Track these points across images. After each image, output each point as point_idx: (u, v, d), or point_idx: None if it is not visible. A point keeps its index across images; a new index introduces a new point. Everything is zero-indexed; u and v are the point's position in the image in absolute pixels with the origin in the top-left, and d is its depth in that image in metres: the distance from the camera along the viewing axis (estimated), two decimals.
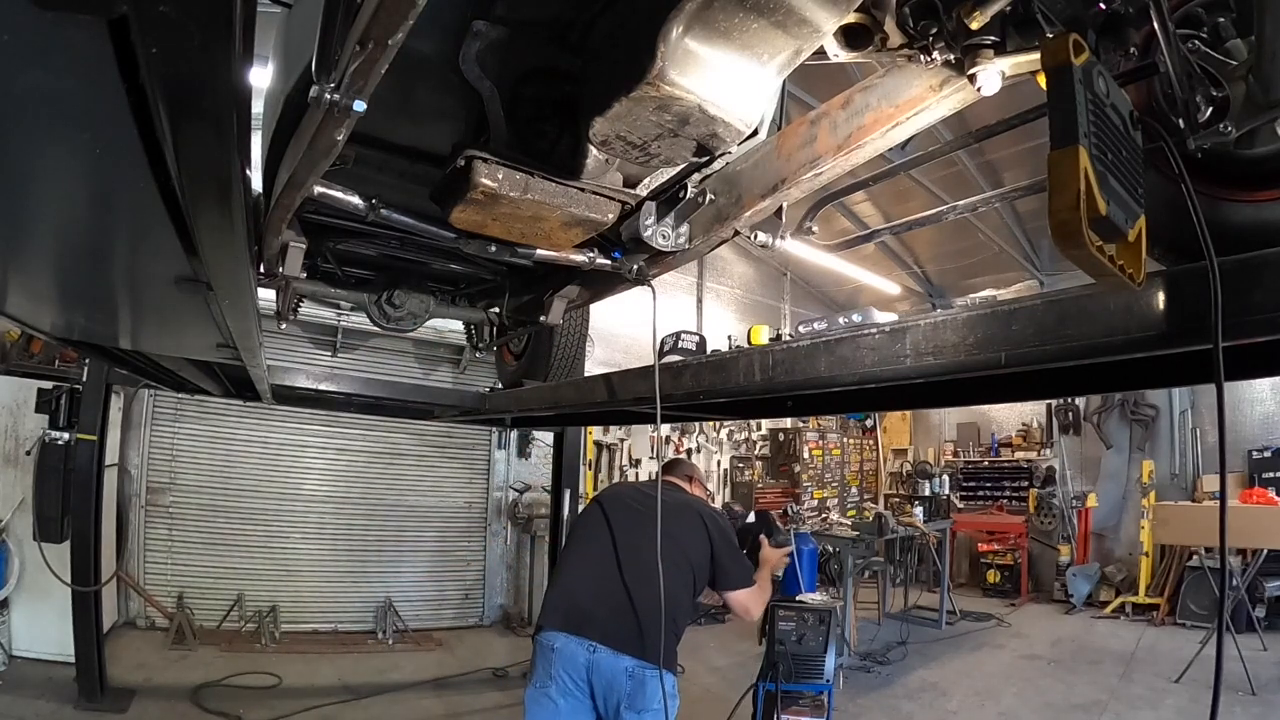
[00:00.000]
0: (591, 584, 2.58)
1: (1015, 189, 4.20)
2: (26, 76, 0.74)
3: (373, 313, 3.04)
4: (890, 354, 1.45)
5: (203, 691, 4.87)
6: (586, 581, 2.61)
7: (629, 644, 2.43)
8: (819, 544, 6.74)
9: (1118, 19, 1.04)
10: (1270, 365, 1.28)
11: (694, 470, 3.15)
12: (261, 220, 1.93)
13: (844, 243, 7.50)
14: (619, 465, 8.65)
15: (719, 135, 1.40)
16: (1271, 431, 8.11)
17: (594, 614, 2.49)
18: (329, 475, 6.88)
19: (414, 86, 1.65)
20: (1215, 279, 0.91)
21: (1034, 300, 1.22)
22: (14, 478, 5.06)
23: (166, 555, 6.26)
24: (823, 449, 10.73)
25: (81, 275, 1.74)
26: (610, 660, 2.41)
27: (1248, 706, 5.03)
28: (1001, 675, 6.06)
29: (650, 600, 2.37)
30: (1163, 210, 1.00)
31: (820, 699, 3.87)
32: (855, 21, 1.21)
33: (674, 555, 2.46)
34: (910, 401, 2.76)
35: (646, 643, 2.42)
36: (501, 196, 1.62)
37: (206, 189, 1.00)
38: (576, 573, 2.68)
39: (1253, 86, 0.99)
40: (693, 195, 1.81)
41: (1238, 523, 6.20)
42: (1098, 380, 1.57)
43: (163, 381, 4.30)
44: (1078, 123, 0.80)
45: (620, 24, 1.41)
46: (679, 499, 2.76)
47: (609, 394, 2.56)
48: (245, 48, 0.76)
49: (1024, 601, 8.88)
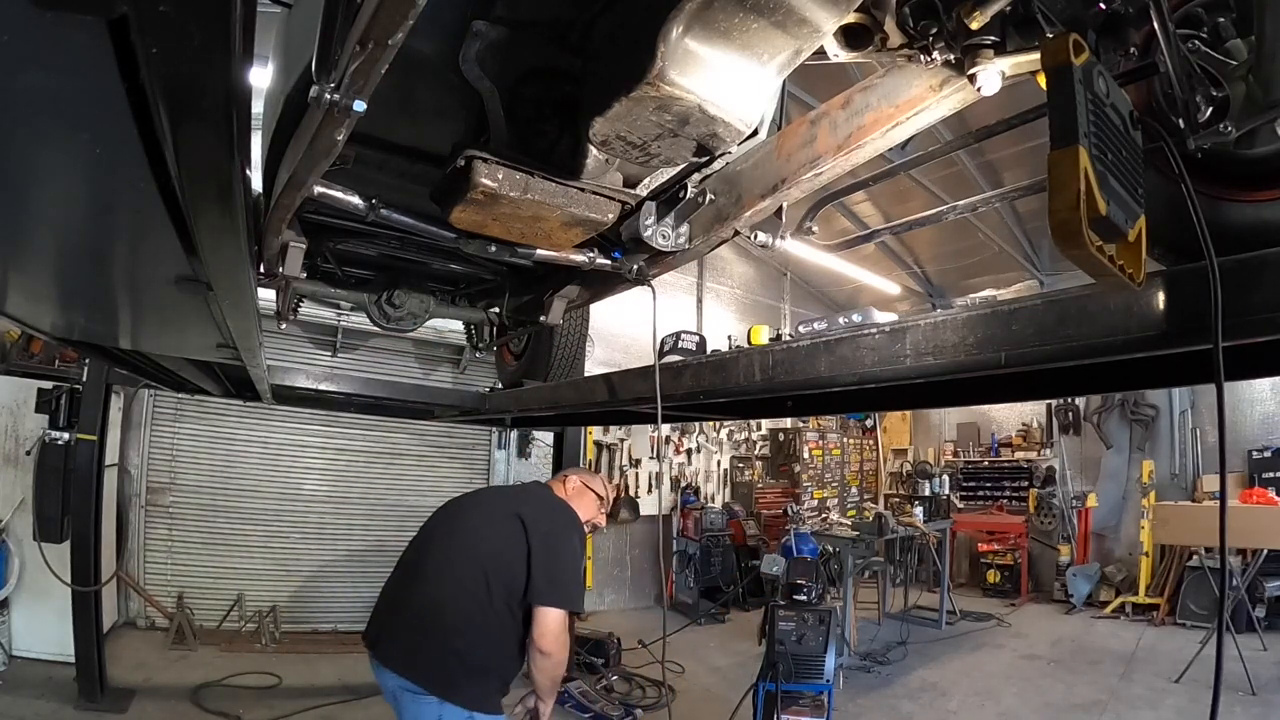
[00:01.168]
0: (394, 599, 2.34)
1: (1015, 189, 4.20)
2: (26, 76, 0.74)
3: (373, 313, 3.04)
4: (890, 354, 1.45)
5: (203, 691, 4.87)
6: (390, 596, 2.37)
7: (411, 668, 2.17)
8: (819, 544, 6.75)
9: (1118, 19, 1.04)
10: (1270, 365, 1.28)
11: (580, 472, 2.73)
12: (261, 220, 1.93)
13: (844, 243, 7.50)
14: (619, 465, 8.65)
15: (719, 135, 1.40)
16: (1271, 431, 8.10)
17: (394, 633, 2.26)
18: (329, 475, 6.87)
19: (414, 86, 1.66)
20: (1215, 279, 0.91)
21: (1034, 300, 1.22)
22: (14, 478, 5.06)
23: (166, 555, 6.26)
24: (823, 449, 10.73)
25: (81, 275, 1.74)
26: (393, 680, 2.20)
27: (1248, 706, 5.03)
28: (1001, 675, 6.06)
29: (437, 618, 2.16)
30: (1163, 210, 1.00)
31: (820, 699, 3.87)
32: (855, 21, 1.21)
33: (471, 571, 2.19)
34: (910, 401, 2.76)
35: (420, 665, 2.16)
36: (501, 196, 1.62)
37: (206, 189, 1.00)
38: (387, 586, 2.43)
39: (1253, 86, 0.99)
40: (693, 195, 1.81)
41: (1238, 523, 6.20)
42: (1098, 380, 1.57)
43: (163, 381, 4.30)
44: (1078, 123, 0.80)
45: (620, 24, 1.41)
46: (515, 504, 2.40)
47: (609, 394, 2.56)
48: (245, 48, 0.76)
49: (1024, 601, 8.87)
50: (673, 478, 9.30)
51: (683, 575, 8.55)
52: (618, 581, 8.71)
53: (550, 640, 2.17)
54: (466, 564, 2.24)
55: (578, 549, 2.35)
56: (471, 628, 2.17)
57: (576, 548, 2.35)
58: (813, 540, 6.81)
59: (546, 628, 2.15)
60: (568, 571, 2.26)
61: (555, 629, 2.17)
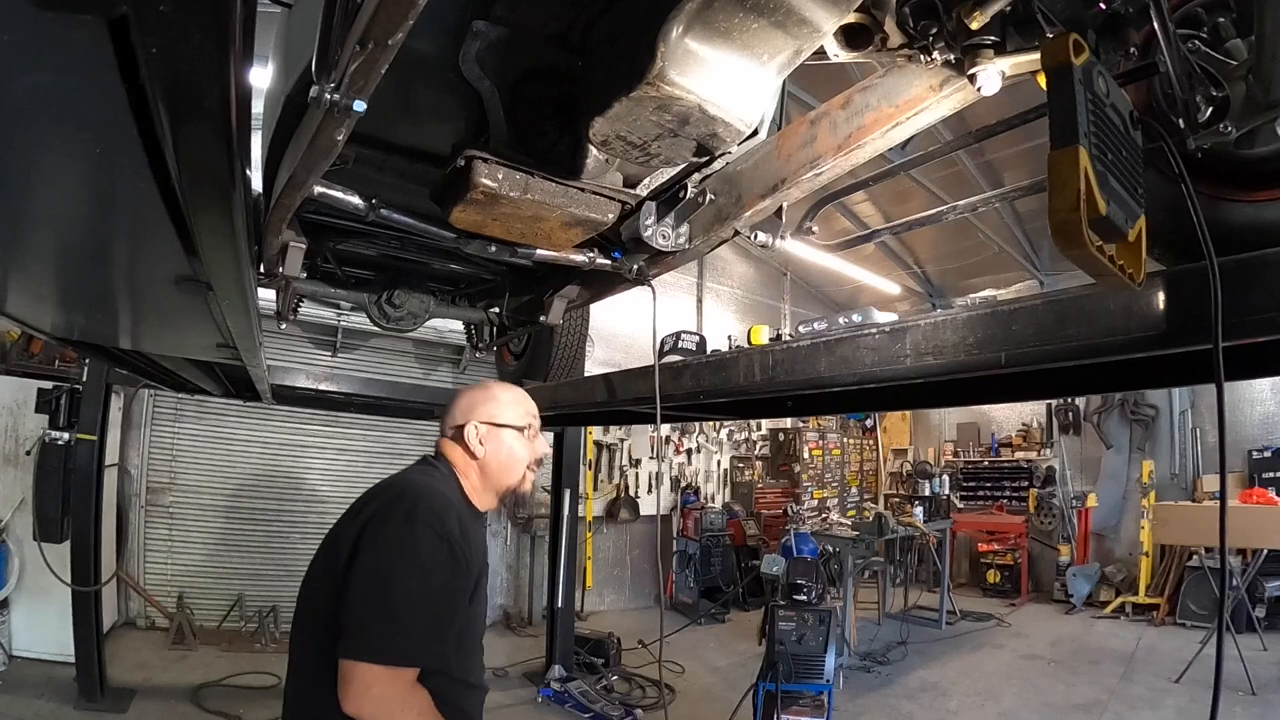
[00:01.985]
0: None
1: (1015, 189, 4.20)
2: (26, 76, 0.74)
3: (373, 313, 3.04)
4: (890, 354, 1.46)
5: (203, 691, 4.87)
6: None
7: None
8: (819, 544, 6.75)
9: (1118, 19, 1.04)
10: (1270, 365, 1.28)
11: (484, 393, 1.70)
12: (261, 220, 1.93)
13: (844, 243, 7.50)
14: (619, 465, 8.65)
15: (719, 135, 1.40)
16: (1271, 431, 8.10)
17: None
18: (329, 475, 6.87)
19: (414, 86, 1.65)
20: (1215, 279, 0.91)
21: (1034, 300, 1.22)
22: (14, 478, 5.06)
23: (166, 555, 6.25)
24: (823, 449, 10.72)
25: (82, 275, 1.74)
26: None
27: (1248, 707, 5.03)
28: (1001, 675, 6.06)
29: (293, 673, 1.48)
30: (1163, 210, 1.00)
31: (820, 699, 3.88)
32: (855, 21, 1.21)
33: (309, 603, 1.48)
34: (910, 401, 2.76)
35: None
36: (501, 196, 1.62)
37: (206, 189, 1.00)
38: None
39: (1253, 86, 0.99)
40: (693, 195, 1.81)
41: (1238, 523, 6.20)
42: (1098, 380, 1.57)
43: (163, 381, 4.30)
44: (1078, 123, 0.80)
45: (620, 24, 1.41)
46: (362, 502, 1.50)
47: (609, 394, 2.56)
48: (245, 48, 0.76)
49: (1024, 601, 8.87)
50: (673, 478, 9.30)
51: (683, 575, 8.55)
52: (618, 581, 8.72)
53: (355, 704, 1.29)
54: (295, 625, 1.52)
55: (429, 560, 1.38)
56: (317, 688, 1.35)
57: (425, 559, 1.37)
58: (813, 540, 6.81)
59: (348, 687, 1.30)
60: (396, 602, 1.34)
61: (359, 690, 1.29)
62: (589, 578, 8.17)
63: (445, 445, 1.67)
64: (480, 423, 1.63)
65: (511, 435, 1.65)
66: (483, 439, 1.63)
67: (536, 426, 1.72)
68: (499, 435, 1.64)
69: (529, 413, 1.71)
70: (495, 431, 1.64)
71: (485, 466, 1.64)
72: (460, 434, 1.63)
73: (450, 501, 1.50)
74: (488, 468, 1.64)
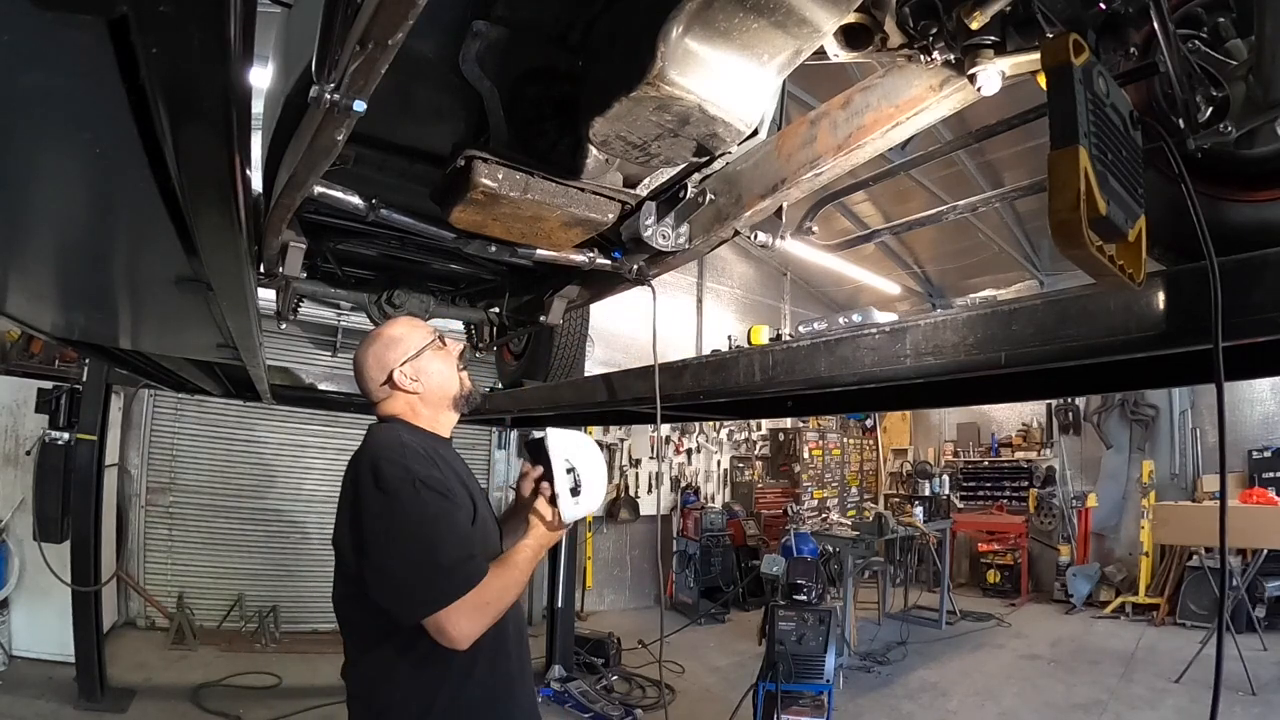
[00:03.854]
0: None
1: (1015, 189, 4.20)
2: (26, 76, 0.74)
3: (373, 313, 3.04)
4: (890, 354, 1.45)
5: (203, 691, 4.87)
6: None
7: None
8: (819, 544, 6.75)
9: (1118, 19, 1.04)
10: (1270, 365, 1.28)
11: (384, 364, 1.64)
12: (261, 220, 1.93)
13: (844, 243, 7.49)
14: (619, 465, 8.65)
15: (719, 135, 1.40)
16: (1271, 431, 8.10)
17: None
18: (329, 475, 6.86)
19: (414, 86, 1.65)
20: (1215, 279, 0.91)
21: (1034, 300, 1.22)
22: (14, 478, 5.06)
23: (166, 555, 6.26)
24: (823, 449, 10.72)
25: (82, 275, 1.74)
26: None
27: (1248, 707, 5.03)
28: (1001, 675, 6.06)
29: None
30: (1163, 210, 1.00)
31: (820, 699, 3.88)
32: (855, 21, 1.21)
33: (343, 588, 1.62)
34: (910, 401, 2.76)
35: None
36: (501, 196, 1.62)
37: (206, 189, 1.00)
38: None
39: (1253, 86, 0.99)
40: (693, 195, 1.81)
41: (1238, 523, 6.20)
42: (1098, 380, 1.57)
43: (163, 381, 4.30)
44: (1078, 123, 0.80)
45: (620, 24, 1.41)
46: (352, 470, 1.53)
47: (609, 394, 2.56)
48: (245, 48, 0.76)
49: (1024, 601, 8.87)
50: (673, 478, 9.30)
51: (683, 575, 8.55)
52: (618, 581, 8.72)
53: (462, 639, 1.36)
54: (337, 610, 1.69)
55: (411, 503, 1.40)
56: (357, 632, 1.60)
57: (409, 504, 1.40)
58: (813, 540, 6.81)
59: (443, 636, 1.36)
60: (414, 554, 1.38)
61: (452, 632, 1.35)
62: (589, 578, 8.17)
63: (383, 407, 1.69)
64: (400, 364, 1.64)
65: (429, 355, 1.68)
66: (413, 375, 1.65)
67: (436, 330, 1.74)
68: (420, 363, 1.66)
69: (422, 326, 1.74)
70: (416, 362, 1.66)
71: (428, 395, 1.67)
72: (393, 385, 1.65)
73: (403, 442, 1.53)
74: (431, 395, 1.68)
